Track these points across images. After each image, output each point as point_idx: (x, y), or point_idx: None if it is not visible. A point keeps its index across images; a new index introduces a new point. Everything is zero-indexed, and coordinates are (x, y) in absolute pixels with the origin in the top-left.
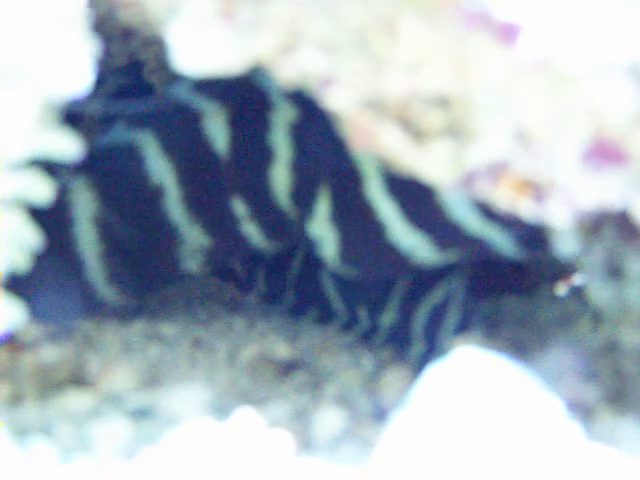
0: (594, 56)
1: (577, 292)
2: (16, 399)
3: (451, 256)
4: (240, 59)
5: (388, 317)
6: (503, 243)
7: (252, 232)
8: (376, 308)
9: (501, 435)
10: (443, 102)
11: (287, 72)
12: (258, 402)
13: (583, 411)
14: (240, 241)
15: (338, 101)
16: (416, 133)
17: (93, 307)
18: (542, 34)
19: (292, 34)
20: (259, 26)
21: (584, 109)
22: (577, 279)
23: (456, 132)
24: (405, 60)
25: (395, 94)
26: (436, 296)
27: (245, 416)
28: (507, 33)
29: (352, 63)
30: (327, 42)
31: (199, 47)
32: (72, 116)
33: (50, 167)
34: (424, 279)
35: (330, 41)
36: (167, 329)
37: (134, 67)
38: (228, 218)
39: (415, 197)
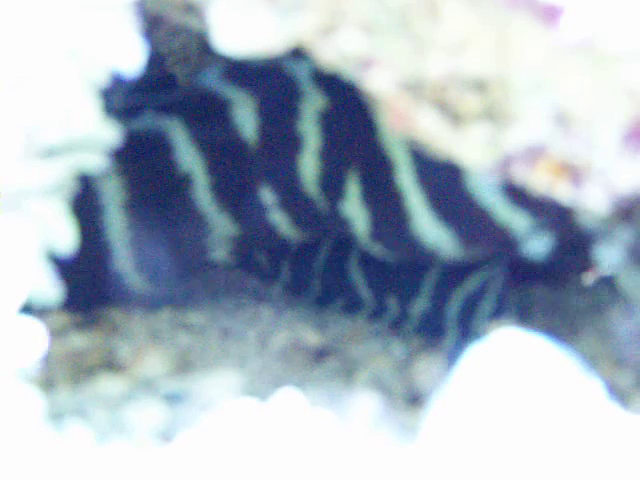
0: (636, 37)
1: (606, 282)
2: (48, 384)
3: (475, 254)
4: (281, 40)
5: (420, 305)
6: (532, 237)
7: (280, 221)
8: (407, 296)
9: (545, 413)
10: (482, 85)
11: (327, 53)
12: (292, 387)
13: (617, 396)
14: (268, 230)
15: (377, 83)
16: (454, 116)
17: (121, 295)
18: (585, 15)
19: (334, 15)
20: (301, 6)
21: (625, 91)
22: (605, 270)
23: (494, 115)
24: (446, 42)
25: (434, 76)
26: (472, 284)
27: (288, 396)
28: (550, 14)
29: (393, 45)
30: (369, 23)
31: (240, 27)
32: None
33: None
34: (457, 267)
35: (372, 22)
36: (194, 318)
37: (156, 58)
38: (256, 207)
39: (444, 188)
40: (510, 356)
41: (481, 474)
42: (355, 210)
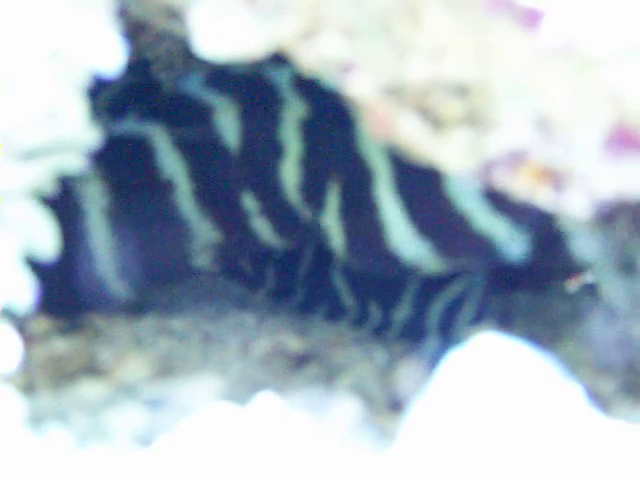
0: (616, 41)
1: (588, 289)
2: (29, 389)
3: (455, 265)
4: (262, 43)
5: (402, 312)
6: (512, 245)
7: (262, 228)
8: (389, 303)
9: (524, 419)
10: (463, 90)
11: (308, 58)
12: (273, 393)
13: (600, 402)
14: (250, 237)
15: (358, 88)
16: (435, 121)
17: (103, 301)
18: (565, 19)
19: (314, 19)
20: (281, 10)
21: (606, 95)
22: (588, 277)
23: (476, 120)
24: (427, 46)
25: (416, 81)
26: (452, 291)
27: (266, 400)
28: (530, 18)
29: (374, 49)
30: (349, 27)
31: (221, 31)
32: None
33: None
34: (438, 275)
35: (352, 26)
36: (177, 324)
37: (142, 65)
38: (238, 213)
39: (423, 198)
40: (489, 362)
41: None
42: (333, 224)
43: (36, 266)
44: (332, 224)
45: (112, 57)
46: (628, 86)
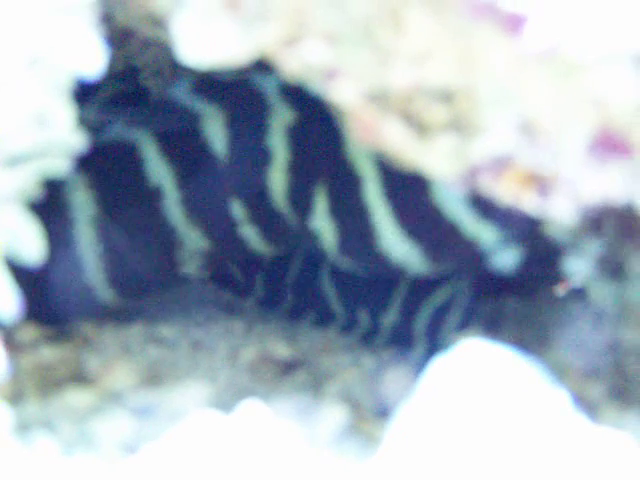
0: (600, 46)
1: (577, 293)
2: (17, 397)
3: (443, 268)
4: (245, 50)
5: (390, 318)
6: (501, 253)
7: (250, 235)
8: (377, 309)
9: (509, 426)
10: (447, 95)
11: (291, 64)
12: (260, 399)
13: (587, 407)
14: (238, 244)
15: (342, 94)
16: (420, 127)
17: (92, 309)
18: (548, 24)
19: (297, 25)
20: (264, 17)
21: (590, 99)
22: (576, 281)
23: (460, 126)
24: (410, 52)
25: (399, 87)
26: (439, 297)
27: (252, 408)
28: (513, 24)
29: (357, 55)
30: (332, 33)
31: (204, 38)
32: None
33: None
34: (426, 281)
35: (335, 32)
36: (166, 331)
37: (130, 72)
38: (226, 221)
39: (411, 202)
40: (474, 368)
41: None
42: (323, 224)
43: (23, 273)
44: (322, 225)
45: (94, 61)
46: (612, 91)
